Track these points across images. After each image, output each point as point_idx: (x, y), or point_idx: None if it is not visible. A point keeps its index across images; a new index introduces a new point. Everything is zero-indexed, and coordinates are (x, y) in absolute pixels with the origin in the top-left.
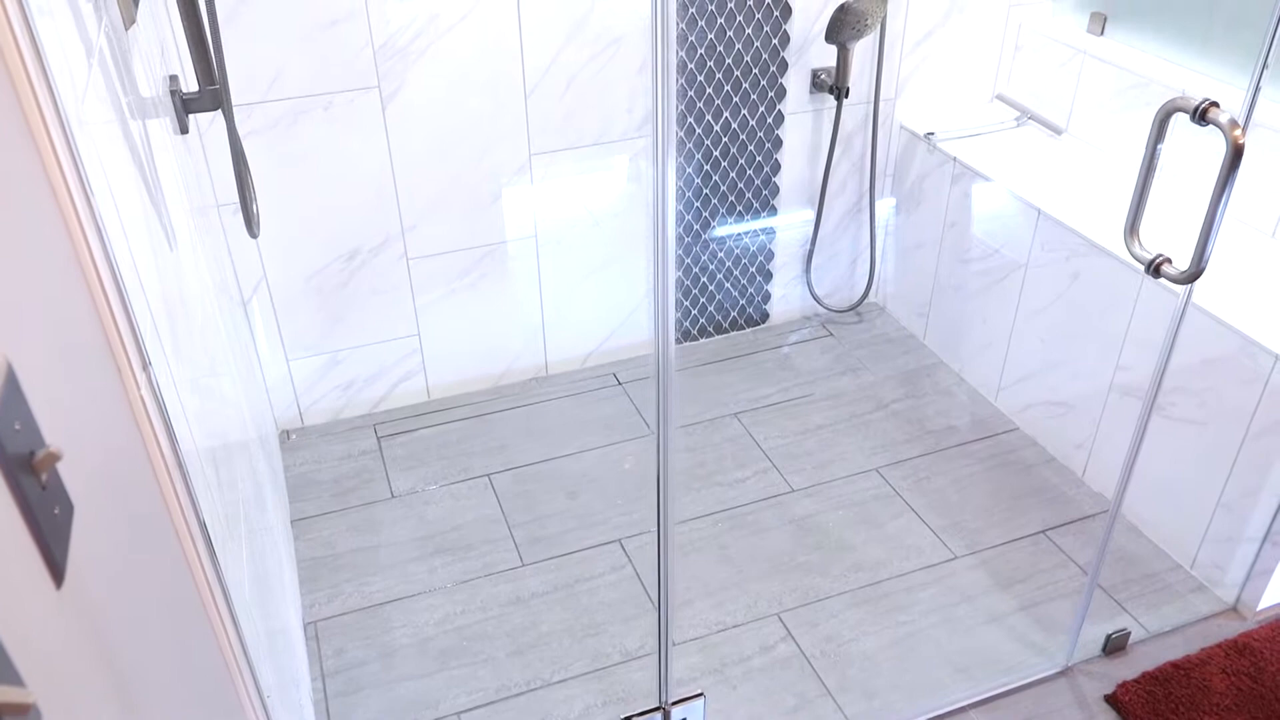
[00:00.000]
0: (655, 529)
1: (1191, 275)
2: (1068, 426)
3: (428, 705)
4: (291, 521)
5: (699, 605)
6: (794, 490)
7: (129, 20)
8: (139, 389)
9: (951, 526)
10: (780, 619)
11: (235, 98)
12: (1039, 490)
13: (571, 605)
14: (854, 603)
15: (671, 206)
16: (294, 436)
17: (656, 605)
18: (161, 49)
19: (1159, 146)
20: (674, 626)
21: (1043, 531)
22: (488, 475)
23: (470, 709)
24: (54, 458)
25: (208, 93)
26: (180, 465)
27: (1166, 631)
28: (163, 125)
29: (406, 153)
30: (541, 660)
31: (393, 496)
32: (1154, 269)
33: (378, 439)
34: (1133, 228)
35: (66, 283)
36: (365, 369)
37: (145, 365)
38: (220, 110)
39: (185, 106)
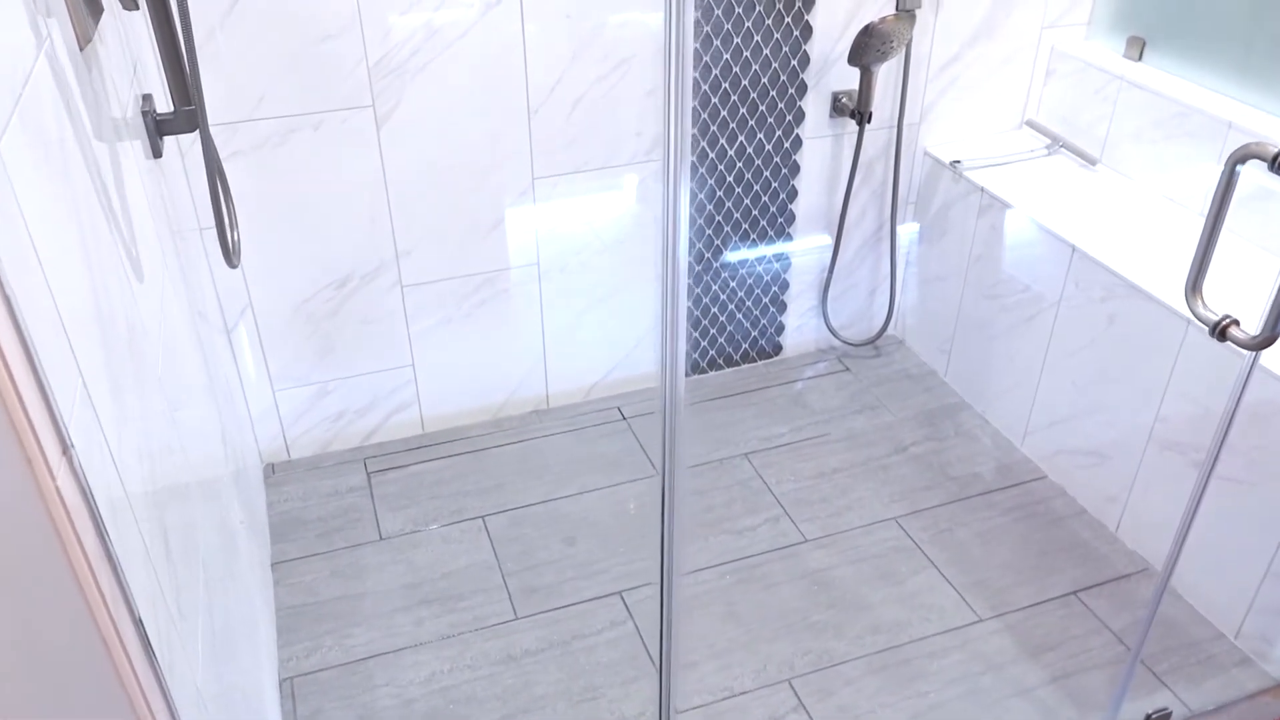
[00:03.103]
0: (659, 584)
1: (1265, 341)
2: (1100, 478)
3: None
4: (272, 564)
5: (704, 668)
6: (807, 540)
7: (84, 39)
8: (54, 480)
9: (975, 585)
10: (791, 685)
11: (220, 116)
12: (1069, 546)
13: (567, 665)
14: (871, 669)
15: (684, 234)
16: (276, 471)
17: (659, 670)
18: (134, 68)
19: (1228, 197)
20: (677, 693)
21: (1074, 592)
22: (482, 517)
23: None
24: None
25: (183, 113)
26: (110, 558)
27: (1210, 711)
28: (132, 149)
29: (402, 175)
30: None
31: (381, 538)
32: (1219, 332)
33: (367, 474)
34: (1195, 285)
35: None
36: (356, 400)
37: (66, 449)
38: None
39: (159, 128)
